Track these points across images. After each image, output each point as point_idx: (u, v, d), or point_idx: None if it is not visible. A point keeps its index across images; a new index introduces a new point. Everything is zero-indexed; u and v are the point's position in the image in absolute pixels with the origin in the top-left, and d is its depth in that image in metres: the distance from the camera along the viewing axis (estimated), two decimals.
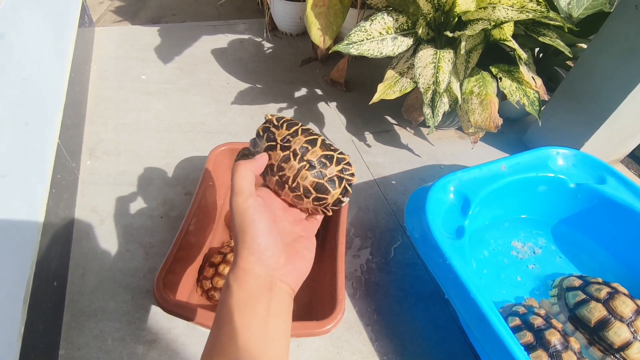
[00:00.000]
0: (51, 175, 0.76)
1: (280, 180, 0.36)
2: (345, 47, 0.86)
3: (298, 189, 0.36)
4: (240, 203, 0.31)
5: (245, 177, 0.32)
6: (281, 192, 0.37)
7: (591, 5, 1.14)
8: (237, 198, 0.31)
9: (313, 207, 0.37)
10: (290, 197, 0.36)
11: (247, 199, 0.31)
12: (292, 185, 0.36)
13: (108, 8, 1.72)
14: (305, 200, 0.36)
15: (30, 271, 0.62)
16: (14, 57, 0.68)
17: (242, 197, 0.31)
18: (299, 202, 0.37)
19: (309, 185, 0.35)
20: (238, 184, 0.31)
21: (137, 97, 1.21)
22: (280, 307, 0.30)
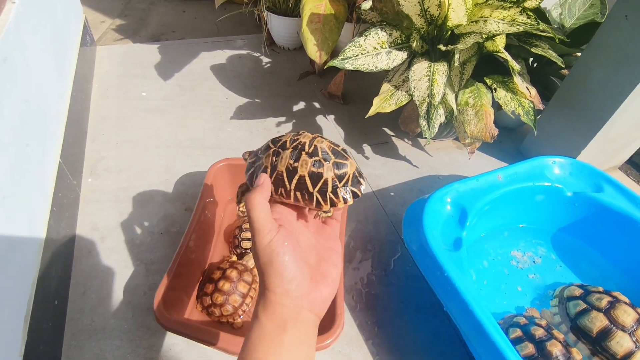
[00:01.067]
0: (52, 193, 0.77)
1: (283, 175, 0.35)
2: (340, 63, 0.88)
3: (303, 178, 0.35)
4: (263, 239, 0.31)
5: (262, 211, 0.32)
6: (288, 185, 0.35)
7: (583, 15, 1.16)
8: (259, 235, 0.31)
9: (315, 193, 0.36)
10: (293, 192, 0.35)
11: (269, 233, 0.31)
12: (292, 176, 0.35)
13: (109, 27, 1.75)
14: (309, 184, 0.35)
15: (31, 290, 0.62)
16: (16, 79, 0.69)
17: (264, 232, 0.31)
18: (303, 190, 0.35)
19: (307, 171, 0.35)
20: (257, 220, 0.31)
21: (137, 114, 1.22)
22: (304, 337, 0.31)
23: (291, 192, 0.35)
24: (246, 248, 0.79)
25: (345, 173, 0.36)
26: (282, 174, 0.35)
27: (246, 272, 0.74)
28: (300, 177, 0.35)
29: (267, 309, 0.30)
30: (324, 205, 0.36)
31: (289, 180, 0.35)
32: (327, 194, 0.35)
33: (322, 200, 0.35)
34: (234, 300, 0.69)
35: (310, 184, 0.35)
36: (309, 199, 0.35)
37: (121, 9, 1.93)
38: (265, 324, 0.30)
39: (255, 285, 0.74)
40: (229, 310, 0.69)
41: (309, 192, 0.35)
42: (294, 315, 0.30)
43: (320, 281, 0.33)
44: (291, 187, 0.35)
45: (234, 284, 0.70)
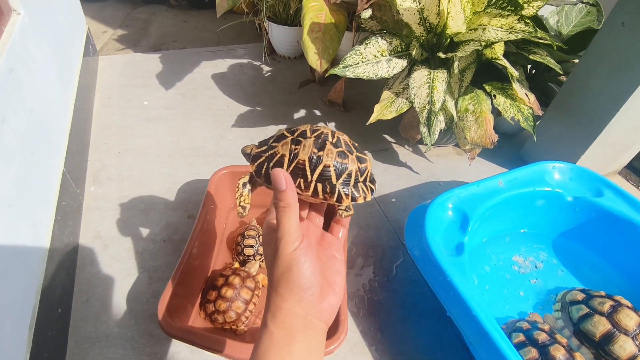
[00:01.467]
0: (56, 202, 0.78)
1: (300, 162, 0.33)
2: (341, 71, 0.89)
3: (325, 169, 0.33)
4: (289, 246, 0.31)
5: (293, 217, 0.31)
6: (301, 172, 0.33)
7: (580, 22, 1.18)
8: (285, 241, 0.31)
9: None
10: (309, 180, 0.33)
11: (296, 241, 0.31)
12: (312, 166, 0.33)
13: (111, 37, 1.77)
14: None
15: (35, 298, 0.62)
16: (22, 89, 0.70)
17: (291, 239, 0.31)
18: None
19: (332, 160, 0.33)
20: (287, 226, 0.31)
21: (139, 123, 1.23)
22: (314, 345, 0.31)
23: (312, 183, 0.33)
24: (249, 255, 0.80)
25: (366, 168, 0.35)
26: (303, 163, 0.33)
27: (249, 279, 0.74)
28: (325, 167, 0.33)
29: (277, 318, 0.30)
30: (345, 199, 0.33)
31: (311, 170, 0.33)
32: (350, 187, 0.33)
33: (344, 195, 0.33)
34: (237, 306, 0.69)
35: (334, 176, 0.33)
36: (331, 192, 0.33)
37: (123, 19, 1.95)
38: (275, 333, 0.30)
39: (258, 291, 0.74)
40: (232, 317, 0.69)
41: (332, 184, 0.33)
42: (304, 324, 0.30)
43: (328, 290, 0.32)
44: (313, 177, 0.33)
45: (236, 291, 0.70)
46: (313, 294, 0.31)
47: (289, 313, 0.30)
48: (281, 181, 0.31)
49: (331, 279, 0.34)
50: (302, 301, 0.30)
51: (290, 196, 0.31)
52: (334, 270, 0.34)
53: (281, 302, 0.31)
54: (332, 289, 0.33)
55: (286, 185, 0.31)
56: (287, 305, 0.30)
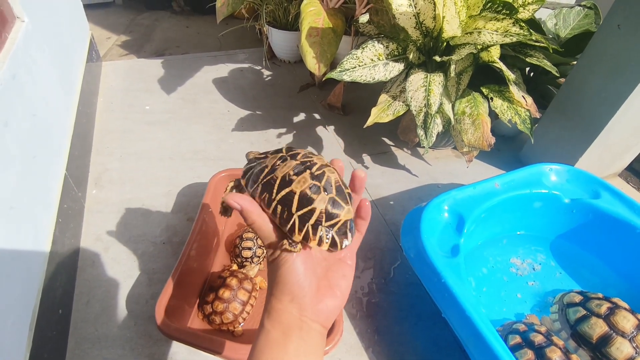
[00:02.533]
0: (58, 204, 0.79)
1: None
2: (338, 75, 0.90)
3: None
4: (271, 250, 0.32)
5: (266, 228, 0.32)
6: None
7: (577, 25, 1.18)
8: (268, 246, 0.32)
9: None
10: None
11: (275, 246, 0.32)
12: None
13: (115, 43, 1.79)
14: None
15: (36, 299, 0.63)
16: (24, 94, 0.72)
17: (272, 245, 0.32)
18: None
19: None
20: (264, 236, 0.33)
21: (141, 127, 1.25)
22: (311, 348, 0.31)
23: (273, 202, 0.32)
24: (246, 257, 0.80)
25: (337, 215, 0.32)
26: (275, 179, 0.32)
27: (246, 280, 0.75)
28: (291, 192, 0.31)
29: (272, 316, 0.31)
30: (297, 234, 0.31)
31: (277, 190, 0.32)
32: (307, 224, 0.31)
33: (298, 228, 0.31)
34: (234, 308, 0.70)
35: (295, 205, 0.31)
36: (286, 219, 0.31)
37: (126, 25, 1.98)
38: (271, 332, 0.31)
39: (255, 293, 0.75)
40: (229, 318, 0.69)
41: (290, 211, 0.31)
42: (299, 325, 0.31)
43: (327, 292, 0.32)
44: (276, 197, 0.32)
45: (234, 292, 0.71)
46: (305, 294, 0.31)
47: (284, 313, 0.31)
48: (233, 204, 0.32)
49: (334, 282, 0.33)
50: (295, 301, 0.31)
51: (251, 211, 0.32)
52: (339, 274, 0.34)
53: (276, 302, 0.31)
54: (332, 292, 0.33)
55: (240, 206, 0.32)
56: (281, 305, 0.31)
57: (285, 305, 0.31)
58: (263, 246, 0.83)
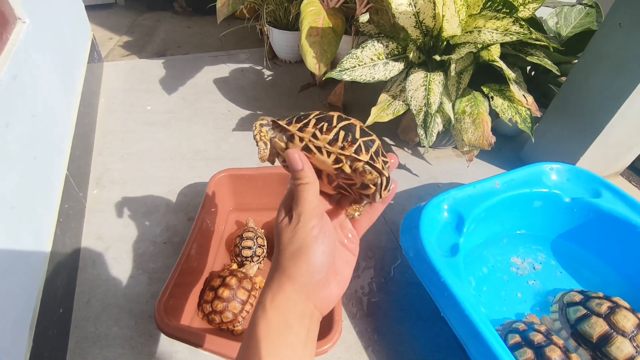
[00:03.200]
0: (59, 204, 0.79)
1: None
2: (338, 74, 0.90)
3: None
4: (308, 221, 0.29)
5: (313, 192, 0.30)
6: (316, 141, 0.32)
7: (579, 23, 1.18)
8: (305, 216, 0.29)
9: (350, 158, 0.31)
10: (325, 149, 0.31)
11: (315, 217, 0.30)
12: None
13: (117, 43, 1.80)
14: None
15: (37, 298, 0.64)
16: (25, 95, 0.72)
17: (311, 214, 0.29)
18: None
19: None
20: (307, 199, 0.30)
21: (142, 128, 1.26)
22: (311, 335, 0.29)
23: (335, 128, 0.31)
24: (246, 256, 0.81)
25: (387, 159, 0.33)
26: (332, 117, 0.32)
27: (246, 280, 0.75)
28: (352, 124, 0.32)
29: (277, 300, 0.29)
30: (364, 153, 0.31)
31: (337, 120, 0.32)
32: (370, 149, 0.31)
33: (364, 149, 0.31)
34: (233, 307, 0.70)
35: (358, 132, 0.32)
36: (351, 142, 0.31)
37: (128, 26, 1.99)
38: (272, 318, 0.28)
39: (255, 292, 0.75)
40: (228, 317, 0.70)
41: (354, 136, 0.31)
42: (303, 311, 0.29)
43: (332, 279, 0.31)
44: (338, 124, 0.31)
45: (233, 291, 0.71)
46: (321, 279, 0.29)
47: (292, 298, 0.29)
48: (296, 161, 0.30)
49: (339, 269, 0.32)
50: (309, 285, 0.29)
51: (309, 173, 0.30)
52: (343, 261, 0.33)
53: (287, 282, 0.29)
54: (337, 279, 0.31)
55: (302, 164, 0.30)
56: (291, 287, 0.29)
57: (296, 289, 0.29)
58: (263, 246, 0.84)
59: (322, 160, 0.31)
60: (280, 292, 0.29)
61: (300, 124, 0.33)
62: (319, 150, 0.31)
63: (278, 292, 0.29)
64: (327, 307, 0.31)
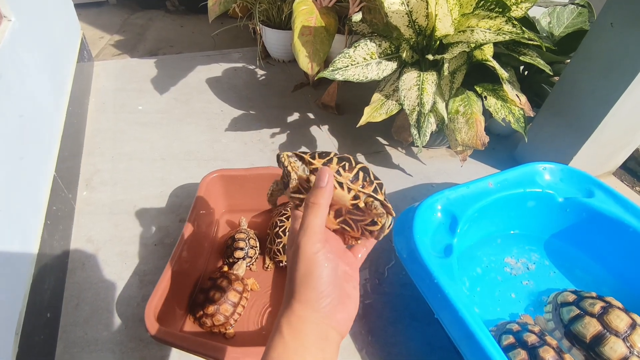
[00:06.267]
0: (47, 206, 0.78)
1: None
2: (330, 74, 0.89)
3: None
4: (312, 246, 0.30)
5: (321, 216, 0.31)
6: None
7: (571, 23, 1.18)
8: (309, 241, 0.30)
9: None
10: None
11: (319, 242, 0.30)
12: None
13: (108, 42, 1.78)
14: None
15: (22, 303, 0.62)
16: (11, 94, 0.71)
17: (315, 239, 0.30)
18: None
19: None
20: (313, 224, 0.30)
21: (133, 128, 1.24)
22: (328, 358, 0.29)
23: (355, 169, 0.34)
24: (238, 258, 0.80)
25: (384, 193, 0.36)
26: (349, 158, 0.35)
27: (237, 282, 0.74)
28: (365, 168, 0.35)
29: (292, 323, 0.29)
30: (380, 194, 0.34)
31: (356, 163, 0.35)
32: (383, 191, 0.35)
33: (380, 190, 0.35)
34: (225, 309, 0.69)
35: (372, 176, 0.35)
36: (370, 182, 0.34)
37: (120, 24, 1.96)
38: (289, 342, 0.29)
39: (246, 294, 0.74)
40: (220, 320, 0.69)
41: (370, 178, 0.35)
42: (320, 335, 0.29)
43: (346, 302, 0.32)
44: (357, 166, 0.35)
45: (224, 294, 0.70)
46: (331, 302, 0.30)
47: (306, 321, 0.29)
48: (324, 178, 0.32)
49: (349, 292, 0.33)
50: (321, 310, 0.29)
51: (325, 196, 0.31)
52: (350, 285, 0.34)
53: (299, 308, 0.30)
54: (349, 301, 0.32)
55: (327, 183, 0.32)
56: (304, 312, 0.29)
57: (309, 312, 0.29)
58: (255, 247, 0.83)
59: (341, 195, 0.34)
60: (294, 317, 0.29)
61: (324, 160, 0.35)
62: (340, 186, 0.34)
63: (293, 316, 0.29)
64: (346, 329, 0.31)
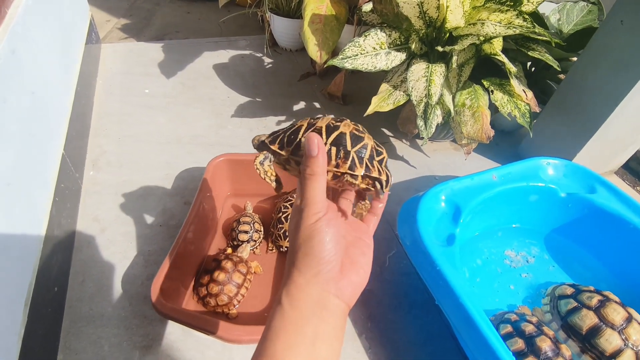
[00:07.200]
0: (55, 184, 0.79)
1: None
2: (340, 62, 0.90)
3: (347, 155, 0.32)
4: (312, 215, 0.30)
5: (319, 186, 0.30)
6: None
7: (580, 21, 1.18)
8: (309, 210, 0.30)
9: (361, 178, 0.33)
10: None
11: (320, 211, 0.30)
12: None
13: (115, 26, 1.77)
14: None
15: (32, 276, 0.63)
16: (23, 71, 0.71)
17: (315, 208, 0.30)
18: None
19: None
20: (312, 194, 0.30)
21: (140, 111, 1.24)
22: (330, 329, 0.29)
23: (326, 145, 0.32)
24: (243, 240, 0.81)
25: (382, 153, 0.33)
26: (320, 128, 0.32)
27: (241, 263, 0.75)
28: (341, 133, 0.32)
29: (291, 293, 0.29)
30: (358, 167, 0.32)
31: (327, 134, 0.32)
32: (364, 159, 0.32)
33: (358, 162, 0.32)
34: (228, 290, 0.70)
35: (349, 143, 0.32)
36: (344, 158, 0.32)
37: (126, 8, 1.96)
38: (288, 311, 0.28)
39: (250, 276, 0.75)
40: (224, 300, 0.70)
41: (346, 149, 0.32)
42: (320, 302, 0.29)
43: (349, 268, 0.31)
44: (328, 140, 0.32)
45: (228, 275, 0.72)
46: (332, 268, 0.29)
47: (305, 289, 0.29)
48: (313, 146, 0.30)
49: (355, 258, 0.32)
50: (320, 275, 0.29)
51: (320, 164, 0.30)
52: (359, 251, 0.33)
53: (298, 275, 0.29)
54: (354, 268, 0.32)
55: (318, 151, 0.30)
56: (303, 279, 0.29)
57: (308, 280, 0.29)
58: (259, 231, 0.84)
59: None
60: (293, 286, 0.29)
61: (293, 146, 0.33)
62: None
63: (291, 285, 0.29)
64: (351, 296, 0.31)
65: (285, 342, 0.27)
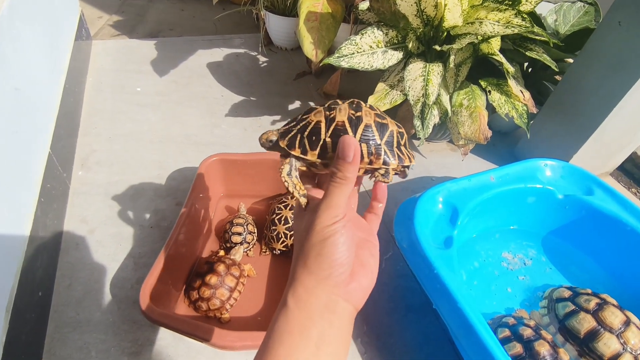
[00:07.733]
0: (40, 184, 0.76)
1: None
2: (336, 60, 0.88)
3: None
4: (331, 217, 0.29)
5: (344, 197, 0.29)
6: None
7: (577, 22, 1.18)
8: (329, 212, 0.29)
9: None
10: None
11: (339, 214, 0.29)
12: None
13: (107, 22, 1.74)
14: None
15: (14, 280, 0.61)
16: (6, 66, 0.69)
17: (336, 211, 0.29)
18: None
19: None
20: (337, 197, 0.29)
21: (131, 109, 1.22)
22: (337, 333, 0.28)
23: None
24: (236, 242, 0.79)
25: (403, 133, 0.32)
26: (343, 124, 0.30)
27: (234, 267, 0.73)
28: (367, 126, 0.30)
29: (298, 294, 0.28)
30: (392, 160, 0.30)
31: (353, 131, 0.30)
32: (394, 149, 0.31)
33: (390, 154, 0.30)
34: (221, 294, 0.68)
35: (377, 135, 0.30)
36: (376, 153, 0.30)
37: (119, 5, 1.92)
38: (294, 312, 0.28)
39: (243, 279, 0.73)
40: (216, 304, 0.68)
41: (376, 144, 0.30)
42: (328, 305, 0.28)
43: (359, 271, 0.30)
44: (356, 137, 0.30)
45: (221, 278, 0.70)
46: (344, 272, 0.29)
47: (313, 291, 0.28)
48: (350, 152, 0.29)
49: (364, 260, 0.32)
50: (330, 279, 0.28)
51: (354, 170, 0.29)
52: (367, 253, 0.33)
53: (307, 277, 0.28)
54: (364, 270, 0.31)
55: (354, 157, 0.29)
56: (312, 281, 0.28)
57: (318, 282, 0.28)
58: (253, 233, 0.82)
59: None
60: (301, 287, 0.28)
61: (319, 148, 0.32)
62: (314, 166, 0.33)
63: (300, 287, 0.28)
64: (360, 299, 0.30)
65: (290, 344, 0.27)
